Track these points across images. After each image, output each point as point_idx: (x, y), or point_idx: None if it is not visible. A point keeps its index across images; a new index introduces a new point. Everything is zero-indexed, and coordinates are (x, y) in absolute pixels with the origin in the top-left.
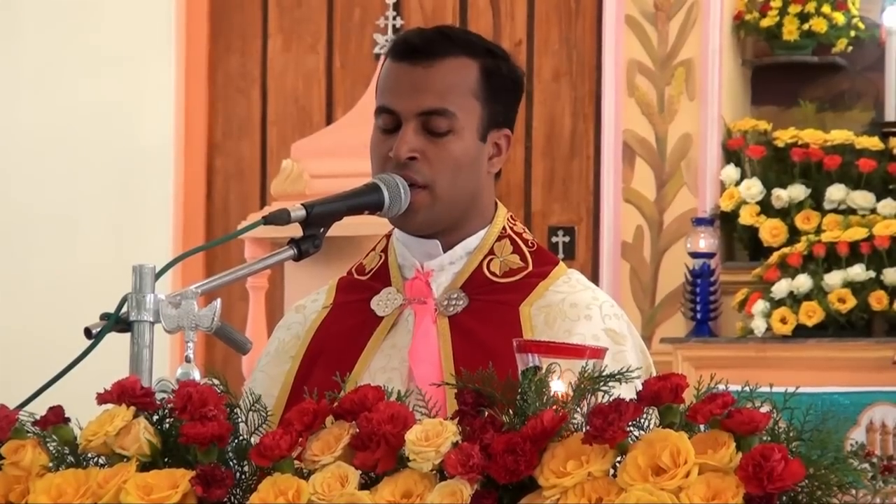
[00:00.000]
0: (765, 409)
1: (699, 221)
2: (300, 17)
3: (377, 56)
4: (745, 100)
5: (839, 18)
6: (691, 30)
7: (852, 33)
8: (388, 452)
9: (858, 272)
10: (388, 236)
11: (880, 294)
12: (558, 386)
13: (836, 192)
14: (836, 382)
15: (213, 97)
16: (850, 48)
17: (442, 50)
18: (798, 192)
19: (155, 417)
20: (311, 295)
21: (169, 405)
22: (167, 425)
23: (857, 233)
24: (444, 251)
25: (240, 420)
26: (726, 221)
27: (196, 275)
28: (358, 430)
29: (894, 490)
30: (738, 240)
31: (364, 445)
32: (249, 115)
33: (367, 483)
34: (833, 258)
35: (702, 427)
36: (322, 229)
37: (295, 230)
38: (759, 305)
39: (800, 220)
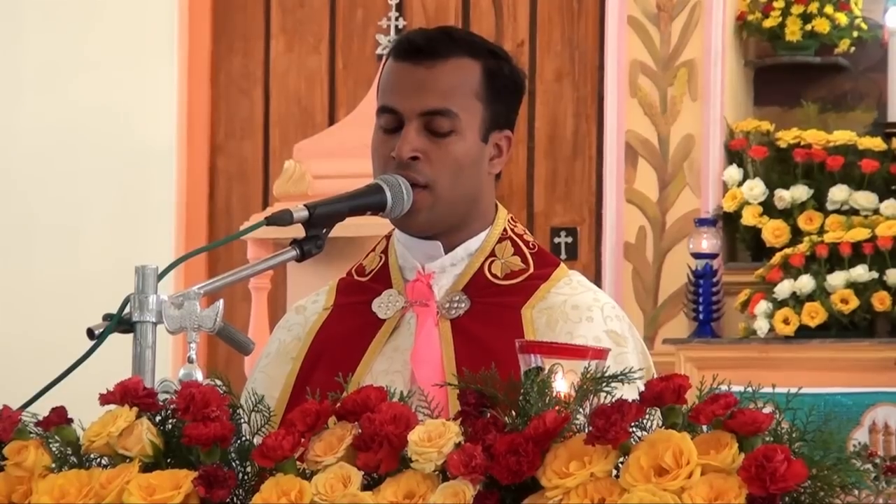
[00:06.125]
0: (767, 409)
1: (702, 222)
2: (302, 18)
3: (380, 57)
4: (748, 100)
5: (842, 19)
6: (694, 30)
7: (855, 34)
8: (390, 453)
9: (861, 273)
10: (388, 237)
11: (883, 295)
12: (561, 386)
13: (838, 193)
14: (839, 383)
15: (215, 98)
16: (853, 49)
17: (445, 50)
18: (801, 192)
19: (157, 418)
20: (310, 296)
21: (171, 406)
22: (170, 426)
23: (860, 233)
24: (446, 252)
25: (242, 421)
26: (729, 222)
27: (198, 275)
28: (360, 431)
29: None
30: (741, 240)
31: (366, 446)
32: (252, 115)
33: (370, 484)
34: (836, 259)
35: (704, 428)
36: (324, 230)
37: (297, 231)
38: (762, 306)
39: (802, 221)
